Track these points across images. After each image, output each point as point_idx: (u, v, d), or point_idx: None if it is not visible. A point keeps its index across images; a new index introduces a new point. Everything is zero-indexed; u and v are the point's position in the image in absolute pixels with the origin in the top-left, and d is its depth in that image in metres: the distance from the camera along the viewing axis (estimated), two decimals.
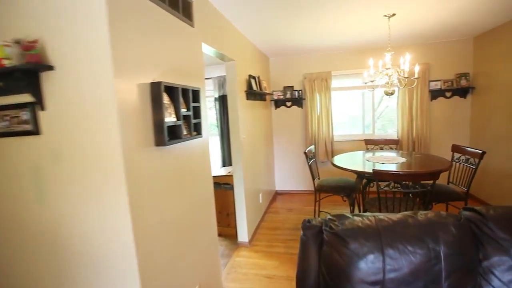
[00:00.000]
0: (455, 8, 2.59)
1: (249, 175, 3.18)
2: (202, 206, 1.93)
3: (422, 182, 2.03)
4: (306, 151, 3.13)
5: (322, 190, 3.08)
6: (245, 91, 3.10)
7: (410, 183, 1.99)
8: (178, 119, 1.48)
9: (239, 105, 2.86)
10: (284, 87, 4.61)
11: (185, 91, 1.58)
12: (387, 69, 2.59)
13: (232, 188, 3.11)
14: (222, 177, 3.19)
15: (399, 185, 2.03)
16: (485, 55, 3.71)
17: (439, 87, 4.01)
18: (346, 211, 3.71)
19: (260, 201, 3.70)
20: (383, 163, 2.74)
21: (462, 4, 2.49)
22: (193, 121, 1.65)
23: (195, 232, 1.79)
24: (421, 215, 1.40)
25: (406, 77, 2.50)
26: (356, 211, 3.26)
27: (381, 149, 3.77)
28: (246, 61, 3.18)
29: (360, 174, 2.70)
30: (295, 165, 4.78)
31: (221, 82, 4.51)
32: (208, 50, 2.25)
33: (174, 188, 1.55)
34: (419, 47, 4.03)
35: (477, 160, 2.55)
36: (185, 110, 1.58)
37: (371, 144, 3.81)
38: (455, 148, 2.88)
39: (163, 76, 1.46)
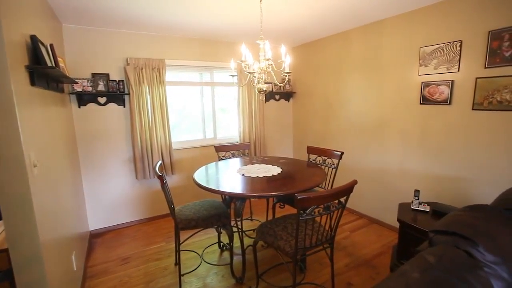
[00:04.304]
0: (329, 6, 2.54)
1: (51, 233, 1.61)
2: None
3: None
4: (158, 172, 2.02)
5: (190, 226, 2.12)
6: (27, 67, 1.49)
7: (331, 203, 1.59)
8: None
9: (18, 97, 1.28)
10: (94, 75, 3.03)
11: None
12: (266, 59, 2.08)
13: (8, 275, 1.43)
14: None
15: (321, 208, 1.56)
16: (301, 65, 4.21)
17: (270, 89, 4.16)
18: (211, 236, 2.92)
19: (75, 268, 2.10)
20: (263, 176, 2.24)
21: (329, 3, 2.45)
22: None
23: None
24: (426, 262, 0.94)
25: (288, 72, 2.11)
26: (238, 243, 2.58)
27: (233, 155, 3.32)
28: (20, 2, 1.55)
29: (241, 197, 2.03)
30: (117, 187, 3.34)
31: None
32: None
33: None
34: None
35: (335, 161, 2.66)
36: None
37: (223, 151, 3.26)
38: (311, 150, 2.91)
39: None
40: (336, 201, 1.64)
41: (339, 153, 2.58)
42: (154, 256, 2.69)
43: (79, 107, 3.01)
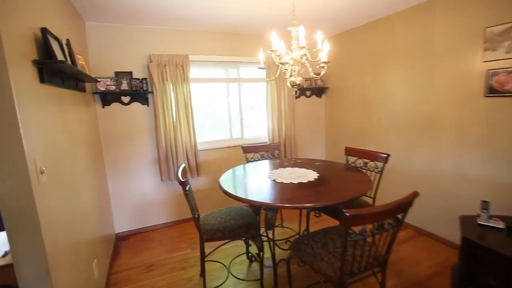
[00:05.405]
0: None
1: (64, 244, 1.46)
2: None
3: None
4: (181, 178, 1.82)
5: (216, 238, 1.90)
6: (35, 62, 1.34)
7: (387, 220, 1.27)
8: None
9: (20, 96, 1.12)
10: (117, 73, 2.93)
11: None
12: (300, 48, 1.80)
13: None
14: None
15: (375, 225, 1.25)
16: (334, 58, 3.83)
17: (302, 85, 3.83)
18: (238, 245, 2.69)
19: (96, 276, 1.98)
20: (298, 182, 1.95)
21: None
22: None
23: None
24: None
25: (326, 62, 1.82)
26: (268, 254, 2.31)
27: (262, 157, 3.07)
28: None
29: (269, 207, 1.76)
30: (142, 189, 3.23)
31: None
32: None
33: None
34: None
35: (379, 164, 2.30)
36: None
37: (251, 151, 3.01)
38: (350, 151, 2.57)
39: None
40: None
41: (385, 155, 2.22)
42: (179, 265, 2.52)
43: (103, 107, 2.93)
